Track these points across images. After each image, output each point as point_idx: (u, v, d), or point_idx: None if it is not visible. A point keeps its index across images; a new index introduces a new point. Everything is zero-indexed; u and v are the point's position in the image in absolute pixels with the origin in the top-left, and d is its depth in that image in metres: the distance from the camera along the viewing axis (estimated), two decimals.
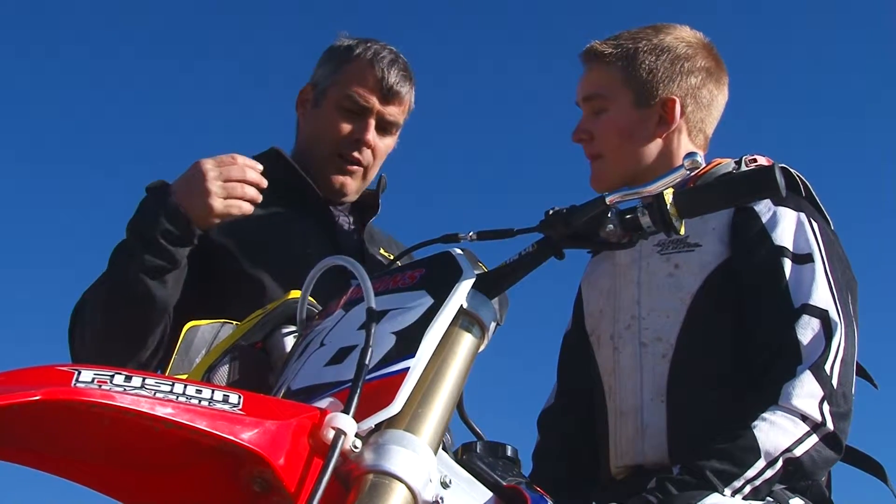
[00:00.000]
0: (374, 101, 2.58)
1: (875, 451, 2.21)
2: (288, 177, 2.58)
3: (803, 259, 2.12)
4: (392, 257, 2.65)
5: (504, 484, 1.56)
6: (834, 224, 2.29)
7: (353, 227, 2.68)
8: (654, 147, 2.38)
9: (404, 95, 2.63)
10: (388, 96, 2.60)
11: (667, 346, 2.20)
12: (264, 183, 2.24)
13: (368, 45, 2.64)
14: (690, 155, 1.56)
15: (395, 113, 2.63)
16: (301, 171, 2.58)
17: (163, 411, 1.20)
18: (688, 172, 1.56)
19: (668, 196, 1.56)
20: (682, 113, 2.38)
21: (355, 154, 2.59)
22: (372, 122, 2.59)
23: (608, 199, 1.57)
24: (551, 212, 1.61)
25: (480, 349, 1.57)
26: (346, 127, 2.59)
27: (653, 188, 1.56)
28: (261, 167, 2.25)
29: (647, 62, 2.39)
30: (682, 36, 2.46)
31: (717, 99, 2.46)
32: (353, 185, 2.64)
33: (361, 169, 2.63)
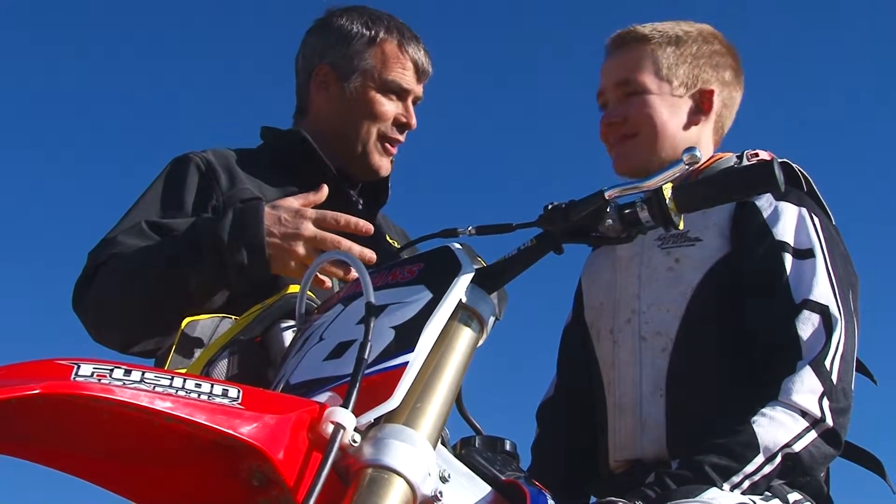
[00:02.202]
0: (414, 85, 2.67)
1: (874, 447, 2.22)
2: (309, 162, 2.58)
3: (804, 254, 2.12)
4: (397, 245, 2.66)
5: (503, 478, 1.56)
6: (836, 219, 2.29)
7: (364, 214, 2.67)
8: (687, 137, 2.38)
9: (430, 74, 2.73)
10: (420, 77, 2.69)
11: (666, 341, 2.21)
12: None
13: (383, 22, 2.68)
14: (689, 150, 1.57)
15: (422, 91, 2.71)
16: (325, 159, 2.58)
17: (162, 405, 1.20)
18: (687, 167, 1.57)
19: (667, 191, 1.56)
20: (717, 106, 2.40)
21: (398, 137, 2.67)
22: (410, 104, 2.68)
23: (607, 194, 1.57)
24: (550, 206, 1.61)
25: (479, 344, 1.57)
26: (391, 109, 2.64)
27: (651, 183, 1.56)
28: (368, 227, 2.15)
29: (690, 50, 2.41)
30: (716, 33, 2.49)
31: (737, 100, 2.49)
32: (389, 166, 2.69)
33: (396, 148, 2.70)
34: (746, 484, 1.86)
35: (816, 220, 2.18)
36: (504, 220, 1.74)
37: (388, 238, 2.69)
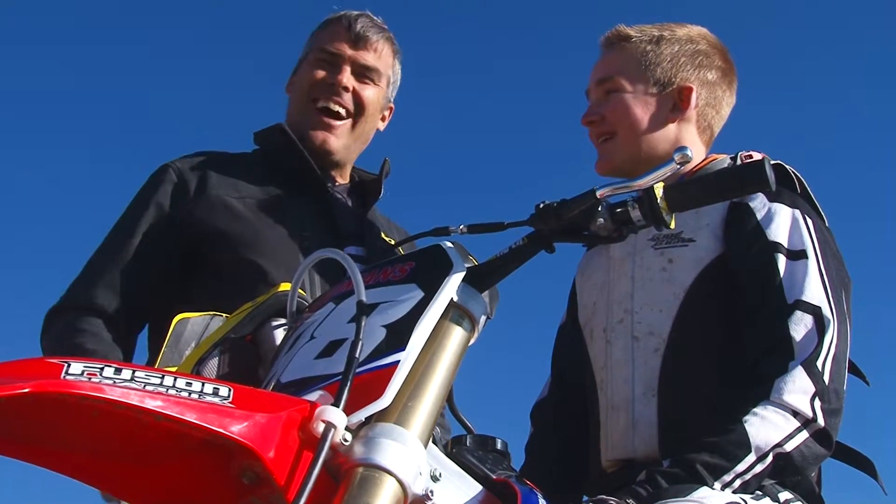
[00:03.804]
0: (345, 48, 2.63)
1: (864, 447, 2.22)
2: (290, 155, 2.58)
3: (797, 255, 2.12)
4: (391, 241, 2.66)
5: (494, 477, 1.56)
6: (829, 221, 2.30)
7: (353, 210, 2.67)
8: (665, 134, 2.39)
9: (374, 41, 2.66)
10: (358, 41, 2.64)
11: (659, 341, 2.21)
12: None
13: (339, 12, 2.70)
14: (681, 149, 1.57)
15: (368, 58, 2.65)
16: (302, 149, 2.57)
17: (152, 404, 1.20)
18: (678, 166, 1.57)
19: (659, 190, 1.56)
20: (696, 104, 2.40)
21: (335, 98, 2.61)
22: (346, 68, 2.63)
23: (599, 193, 1.57)
24: (542, 205, 1.61)
25: (470, 343, 1.57)
26: (320, 73, 2.62)
27: (643, 182, 1.57)
28: None
29: (670, 49, 2.43)
30: (704, 34, 2.51)
31: (727, 100, 2.50)
32: (335, 143, 2.63)
33: (344, 123, 2.64)
34: (737, 483, 1.86)
35: (810, 221, 2.18)
36: (496, 218, 1.74)
37: (383, 236, 2.69)
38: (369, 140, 2.75)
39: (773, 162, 2.24)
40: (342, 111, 2.62)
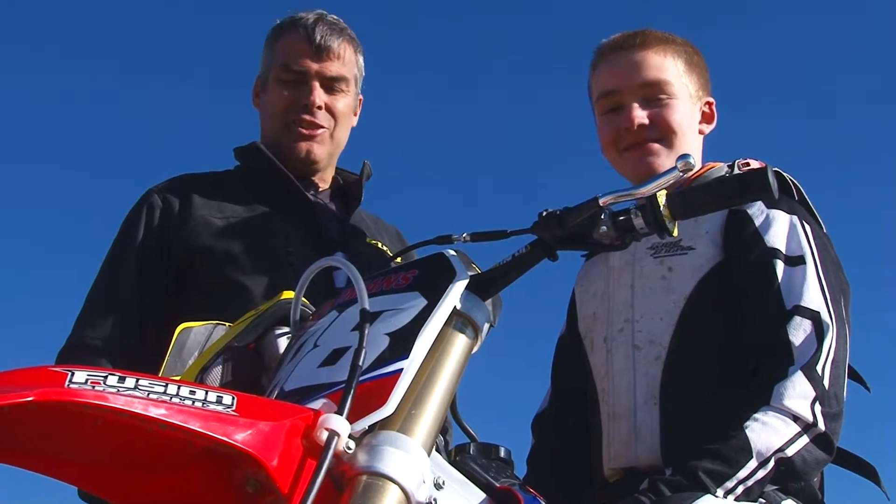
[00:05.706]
0: (309, 63, 2.60)
1: (867, 453, 2.22)
2: (268, 171, 2.59)
3: (796, 261, 2.12)
4: (379, 244, 2.65)
5: (497, 485, 1.56)
6: (826, 227, 2.30)
7: (336, 216, 2.67)
8: (696, 144, 2.42)
9: (337, 48, 2.63)
10: (321, 53, 2.61)
11: (660, 349, 2.21)
12: None
13: (294, 16, 2.66)
14: (683, 156, 1.57)
15: (334, 68, 2.63)
16: (279, 164, 2.57)
17: (156, 412, 1.20)
18: (681, 174, 1.57)
19: (662, 198, 1.57)
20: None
21: (306, 117, 2.59)
22: (315, 84, 2.61)
23: (601, 201, 1.57)
24: (545, 213, 1.62)
25: (474, 350, 1.57)
26: (290, 96, 2.60)
27: (646, 189, 1.57)
28: None
29: (699, 60, 2.46)
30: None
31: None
32: (319, 150, 2.63)
33: (322, 131, 2.63)
34: (740, 489, 1.86)
35: (808, 227, 2.19)
36: (499, 226, 1.74)
37: (368, 240, 2.68)
38: (346, 142, 2.76)
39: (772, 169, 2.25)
40: (317, 126, 2.63)
